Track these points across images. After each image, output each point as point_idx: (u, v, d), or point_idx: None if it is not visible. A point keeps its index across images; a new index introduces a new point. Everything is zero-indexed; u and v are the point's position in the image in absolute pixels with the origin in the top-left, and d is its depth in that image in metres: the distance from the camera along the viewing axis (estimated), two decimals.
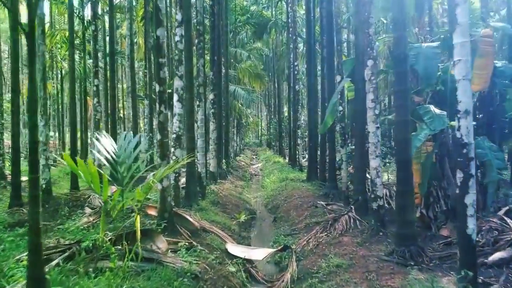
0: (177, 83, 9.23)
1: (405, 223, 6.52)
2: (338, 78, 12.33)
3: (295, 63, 20.12)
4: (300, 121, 22.55)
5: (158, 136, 7.35)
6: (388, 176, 13.73)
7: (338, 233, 8.11)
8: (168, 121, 7.46)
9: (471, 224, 4.81)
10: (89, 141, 21.13)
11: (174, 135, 9.31)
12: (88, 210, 9.66)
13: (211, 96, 15.63)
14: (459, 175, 4.90)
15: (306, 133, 22.94)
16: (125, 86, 25.62)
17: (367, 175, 10.36)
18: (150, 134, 19.06)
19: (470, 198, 4.80)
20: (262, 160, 33.91)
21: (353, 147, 13.15)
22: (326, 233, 8.27)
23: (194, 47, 14.32)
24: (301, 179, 16.81)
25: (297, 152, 21.79)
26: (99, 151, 4.91)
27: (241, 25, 30.02)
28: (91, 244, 4.85)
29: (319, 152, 16.11)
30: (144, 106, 26.29)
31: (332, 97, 10.55)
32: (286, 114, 35.39)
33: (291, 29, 21.73)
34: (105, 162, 5.13)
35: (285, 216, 11.55)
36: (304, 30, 26.02)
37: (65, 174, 17.46)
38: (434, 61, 8.30)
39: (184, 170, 11.28)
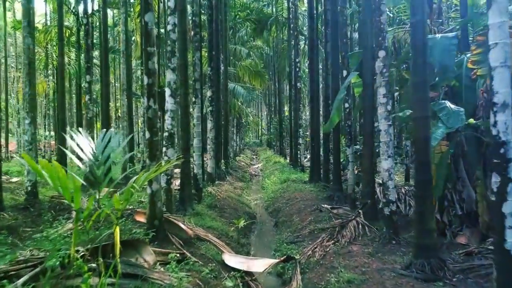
0: (170, 76, 8.49)
1: (424, 231, 5.78)
2: (343, 74, 11.57)
3: (297, 60, 19.38)
4: (302, 120, 21.82)
5: (147, 135, 6.59)
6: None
7: (346, 241, 7.37)
8: (157, 117, 6.69)
9: (511, 237, 4.07)
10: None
11: (166, 133, 8.59)
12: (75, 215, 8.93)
13: (209, 93, 14.89)
14: (495, 179, 4.16)
15: (307, 133, 22.23)
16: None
17: (375, 177, 9.68)
18: None
19: (510, 207, 4.06)
20: (263, 160, 33.17)
21: (357, 146, 12.45)
22: (333, 241, 7.52)
23: (190, 41, 13.59)
24: (303, 180, 16.10)
25: (298, 152, 21.14)
26: (70, 150, 4.17)
27: (241, 22, 29.35)
28: (58, 262, 4.10)
29: (321, 152, 15.40)
30: (141, 104, 25.55)
31: (338, 93, 9.79)
32: (286, 113, 34.68)
33: (292, 25, 21.04)
34: (79, 164, 4.40)
35: (287, 221, 10.80)
36: (305, 28, 25.34)
37: None
38: (451, 53, 7.56)
39: (178, 171, 10.56)
